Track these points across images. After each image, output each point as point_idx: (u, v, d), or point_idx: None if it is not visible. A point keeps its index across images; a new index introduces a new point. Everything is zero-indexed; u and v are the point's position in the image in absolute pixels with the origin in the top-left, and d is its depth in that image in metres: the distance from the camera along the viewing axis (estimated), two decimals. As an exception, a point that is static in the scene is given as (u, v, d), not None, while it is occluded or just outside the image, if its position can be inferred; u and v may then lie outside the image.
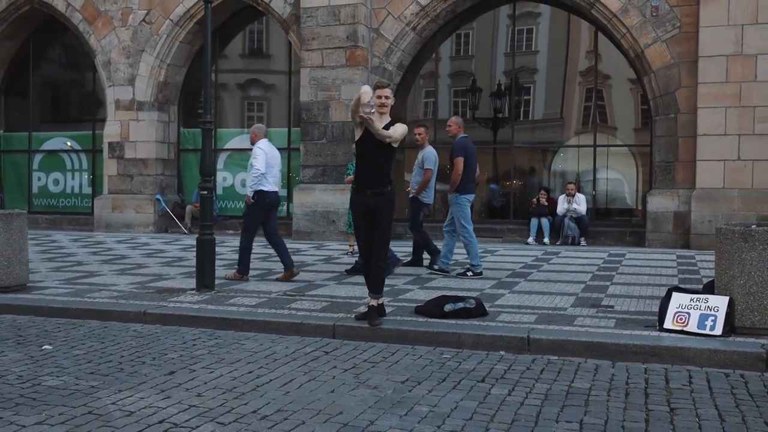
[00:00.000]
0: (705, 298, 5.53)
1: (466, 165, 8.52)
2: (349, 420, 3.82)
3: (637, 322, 5.84)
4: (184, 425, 3.73)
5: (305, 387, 4.45)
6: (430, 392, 4.34)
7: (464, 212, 8.58)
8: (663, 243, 12.22)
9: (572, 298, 7.05)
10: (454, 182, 8.52)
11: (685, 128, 12.18)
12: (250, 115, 16.25)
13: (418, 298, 6.92)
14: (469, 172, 8.59)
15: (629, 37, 12.50)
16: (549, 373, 4.80)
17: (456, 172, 8.49)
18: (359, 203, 6.11)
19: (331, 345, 5.61)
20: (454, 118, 9.00)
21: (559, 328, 5.64)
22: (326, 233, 13.58)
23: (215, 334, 6.02)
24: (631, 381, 4.61)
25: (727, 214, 11.51)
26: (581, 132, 14.12)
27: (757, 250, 5.34)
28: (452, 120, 8.89)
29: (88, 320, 6.57)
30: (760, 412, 3.99)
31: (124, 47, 15.52)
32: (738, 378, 4.70)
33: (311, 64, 13.78)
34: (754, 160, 11.55)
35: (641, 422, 3.82)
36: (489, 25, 14.53)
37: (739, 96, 11.58)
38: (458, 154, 8.52)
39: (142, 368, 4.89)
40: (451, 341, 5.57)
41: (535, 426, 3.75)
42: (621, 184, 14.34)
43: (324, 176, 13.78)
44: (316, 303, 6.83)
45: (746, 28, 11.52)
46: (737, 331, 5.37)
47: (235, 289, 7.64)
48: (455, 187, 8.52)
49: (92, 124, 16.72)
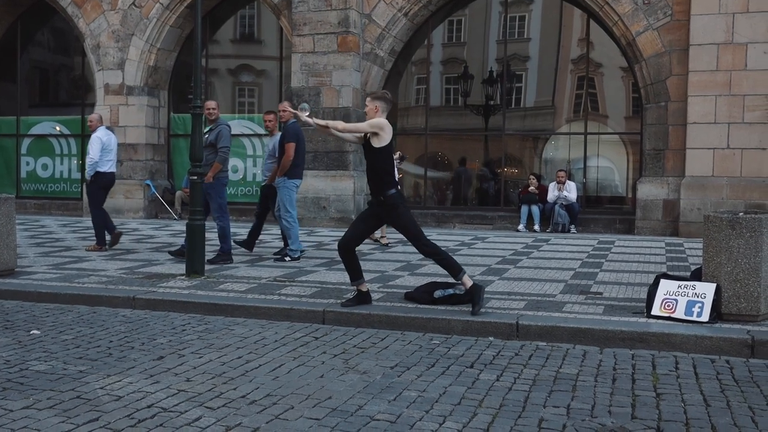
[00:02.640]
0: (692, 285, 5.58)
1: (296, 151, 8.67)
2: (338, 405, 3.84)
3: (626, 309, 5.88)
4: (173, 410, 3.75)
5: (294, 372, 4.46)
6: (419, 377, 4.36)
7: (290, 197, 8.73)
8: (652, 230, 12.28)
9: (561, 284, 7.09)
10: (284, 167, 8.62)
11: (675, 116, 12.21)
12: (241, 101, 16.19)
13: (407, 284, 6.95)
14: (299, 157, 8.76)
15: (621, 24, 12.49)
16: (537, 358, 4.84)
17: (287, 157, 8.62)
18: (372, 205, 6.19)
19: (320, 330, 5.63)
20: (286, 104, 8.92)
21: (547, 315, 5.68)
22: (317, 219, 13.57)
23: (205, 319, 6.03)
24: (619, 367, 4.65)
25: (716, 202, 11.57)
26: (572, 120, 14.13)
27: (744, 237, 5.38)
28: (284, 105, 8.78)
29: (76, 305, 6.57)
30: (744, 398, 4.04)
31: (113, 31, 15.38)
32: (724, 364, 4.75)
33: (302, 50, 13.71)
34: (743, 148, 11.59)
35: (627, 407, 3.85)
36: (481, 11, 14.47)
37: (729, 84, 11.60)
38: (291, 139, 8.66)
39: (131, 353, 4.89)
40: (441, 327, 5.60)
41: (523, 411, 3.79)
42: (611, 172, 14.38)
43: (315, 162, 13.74)
44: (306, 289, 6.84)
45: (737, 16, 11.52)
46: (724, 318, 5.42)
47: (225, 275, 7.64)
48: (284, 171, 8.63)
49: (81, 109, 16.57)
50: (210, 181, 8.36)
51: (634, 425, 3.58)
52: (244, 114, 15.89)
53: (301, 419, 3.62)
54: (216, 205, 8.59)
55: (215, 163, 8.43)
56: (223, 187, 8.68)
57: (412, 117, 15.14)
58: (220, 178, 8.59)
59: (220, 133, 8.50)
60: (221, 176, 8.60)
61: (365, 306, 6.01)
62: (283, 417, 3.66)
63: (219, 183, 8.58)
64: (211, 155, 8.44)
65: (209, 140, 8.49)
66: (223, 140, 8.49)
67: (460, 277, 5.84)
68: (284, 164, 8.66)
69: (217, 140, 8.47)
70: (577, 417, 3.68)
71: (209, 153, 8.42)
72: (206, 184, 8.26)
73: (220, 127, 8.59)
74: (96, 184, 9.56)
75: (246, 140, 15.45)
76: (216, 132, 8.53)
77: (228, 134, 8.60)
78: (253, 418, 3.63)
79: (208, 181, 8.30)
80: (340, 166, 13.63)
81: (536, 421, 3.62)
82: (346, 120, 13.48)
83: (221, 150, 8.47)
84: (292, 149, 8.67)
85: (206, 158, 8.31)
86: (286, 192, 8.76)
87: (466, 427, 3.54)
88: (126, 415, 3.65)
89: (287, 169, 8.69)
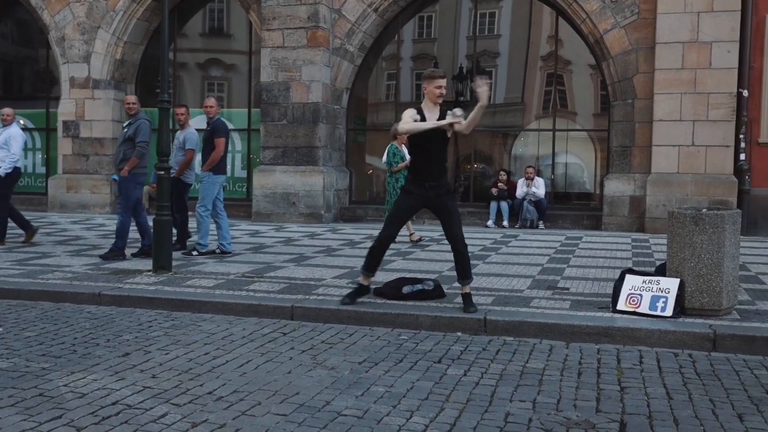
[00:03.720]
0: (657, 280, 5.66)
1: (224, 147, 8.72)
2: (306, 400, 3.84)
3: (592, 304, 5.95)
4: (138, 407, 3.72)
5: (262, 368, 4.45)
6: (386, 373, 4.38)
7: (211, 193, 8.75)
8: (619, 226, 12.43)
9: (529, 280, 7.15)
10: (213, 161, 8.61)
11: (641, 114, 12.36)
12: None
13: (376, 280, 6.88)
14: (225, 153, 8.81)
15: (589, 22, 12.62)
16: (504, 353, 4.88)
17: (218, 152, 8.63)
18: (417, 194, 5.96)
19: (288, 326, 5.62)
20: (212, 99, 8.95)
21: (515, 310, 5.73)
22: (286, 215, 13.51)
23: (172, 315, 5.98)
24: (584, 361, 4.71)
25: (681, 198, 11.75)
26: (542, 116, 14.22)
27: (707, 233, 5.46)
28: (211, 101, 8.85)
29: (40, 302, 6.48)
30: (706, 391, 4.11)
31: (78, 23, 15.13)
32: (686, 357, 4.83)
33: (272, 45, 13.62)
34: (707, 145, 11.78)
35: (592, 401, 3.90)
36: (451, 8, 14.51)
37: (694, 82, 11.78)
38: (222, 134, 8.71)
39: (95, 350, 4.84)
40: (409, 323, 5.61)
41: (490, 405, 3.81)
42: (579, 169, 14.50)
43: (284, 158, 13.68)
44: (274, 284, 6.81)
45: (702, 15, 11.71)
46: (687, 313, 5.51)
47: (193, 271, 7.58)
48: (212, 166, 8.62)
49: (46, 102, 16.30)
50: (125, 176, 8.30)
51: (599, 419, 3.62)
52: (213, 109, 15.72)
53: (268, 415, 3.61)
54: (124, 201, 8.46)
55: (132, 158, 8.32)
56: (137, 184, 8.53)
57: (383, 112, 15.13)
58: (136, 174, 8.45)
59: (139, 128, 8.39)
60: (138, 172, 8.46)
61: (337, 302, 6.01)
62: (250, 413, 3.64)
63: (134, 179, 8.45)
64: (129, 150, 8.37)
65: (128, 134, 8.42)
66: (142, 135, 8.38)
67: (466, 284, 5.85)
68: (214, 158, 8.59)
69: (136, 135, 8.37)
70: (543, 411, 3.72)
71: (128, 147, 8.37)
72: (121, 178, 8.32)
73: (139, 121, 8.48)
74: (8, 179, 9.59)
75: (215, 135, 15.30)
76: (135, 126, 8.42)
77: (147, 129, 8.48)
78: (219, 415, 3.61)
79: (123, 175, 8.29)
80: (309, 162, 13.58)
81: (503, 416, 3.64)
82: (316, 116, 13.50)
83: (139, 145, 8.35)
84: (223, 144, 8.67)
85: (124, 153, 8.35)
86: (209, 187, 8.71)
87: (433, 422, 3.55)
88: (90, 413, 3.61)
89: (216, 163, 8.64)
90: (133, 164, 8.32)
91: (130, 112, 8.58)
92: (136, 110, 8.60)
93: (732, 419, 3.65)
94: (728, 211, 5.63)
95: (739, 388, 4.17)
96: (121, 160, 8.39)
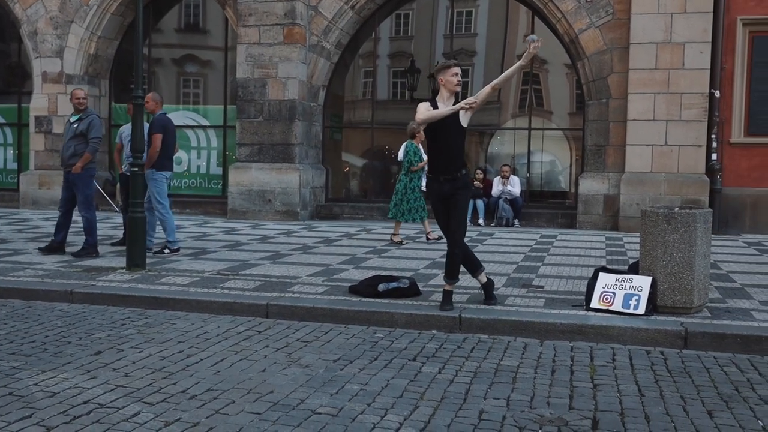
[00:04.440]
0: (630, 279, 5.72)
1: (164, 142, 8.65)
2: (280, 399, 3.84)
3: (566, 302, 6.00)
4: (110, 405, 3.69)
5: (236, 366, 4.43)
6: (361, 371, 4.38)
7: (161, 189, 8.71)
8: (593, 225, 12.55)
9: (504, 278, 7.18)
10: (151, 158, 8.53)
11: (616, 113, 12.49)
12: (186, 92, 15.90)
13: (352, 278, 6.96)
14: (166, 149, 8.73)
15: (564, 22, 12.71)
16: (479, 351, 4.90)
17: (153, 148, 8.57)
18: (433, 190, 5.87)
19: (264, 324, 5.61)
20: (152, 94, 8.87)
21: (490, 308, 5.76)
22: (262, 212, 13.47)
23: (145, 313, 5.94)
24: (558, 359, 4.75)
25: (654, 197, 11.88)
26: (518, 115, 14.31)
27: (679, 232, 5.53)
28: (150, 96, 8.78)
29: (10, 299, 6.40)
30: (677, 387, 4.17)
31: (51, 17, 14.93)
32: (658, 355, 4.89)
33: (248, 41, 13.55)
34: (680, 145, 11.94)
35: (566, 398, 3.94)
36: (428, 6, 14.53)
37: (667, 83, 11.93)
38: (157, 131, 8.64)
39: (67, 348, 4.79)
40: (384, 320, 5.62)
41: (464, 403, 3.83)
42: (555, 167, 14.62)
43: (260, 155, 13.62)
44: (249, 282, 6.80)
45: (675, 16, 11.85)
46: (659, 310, 5.58)
47: (167, 268, 7.54)
48: (152, 163, 8.56)
49: (18, 97, 16.06)
50: (78, 172, 8.21)
51: (572, 416, 3.65)
52: (189, 105, 15.61)
53: (242, 414, 3.60)
54: (83, 197, 8.38)
55: (86, 154, 8.24)
56: (90, 178, 8.48)
57: (359, 110, 15.12)
58: (88, 169, 8.39)
59: (92, 124, 8.31)
60: (90, 167, 8.40)
61: (312, 300, 6.00)
62: (224, 412, 3.63)
63: (87, 174, 8.39)
64: (80, 145, 8.28)
65: (79, 129, 8.31)
66: (95, 131, 8.30)
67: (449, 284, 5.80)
68: (151, 156, 8.52)
69: (89, 130, 8.28)
70: (517, 408, 3.74)
71: (78, 143, 8.27)
72: (74, 175, 8.21)
73: (91, 117, 8.40)
74: None
75: (191, 132, 15.21)
76: (87, 122, 8.33)
77: (99, 125, 8.42)
78: (193, 413, 3.59)
79: (76, 172, 8.19)
80: (285, 159, 13.54)
81: (476, 413, 3.66)
82: (292, 113, 13.44)
83: (93, 141, 8.27)
84: (159, 140, 8.59)
85: (75, 148, 8.24)
86: (155, 184, 8.64)
87: (407, 419, 3.56)
88: (60, 412, 3.57)
89: (154, 160, 8.56)
90: (86, 160, 8.23)
91: (80, 107, 8.44)
92: (86, 105, 8.50)
93: (702, 416, 3.69)
94: (700, 211, 5.69)
95: (709, 385, 4.22)
96: (72, 155, 8.22)
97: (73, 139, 8.30)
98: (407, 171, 10.11)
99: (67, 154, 8.33)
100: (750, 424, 3.59)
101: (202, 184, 15.26)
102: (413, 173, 10.07)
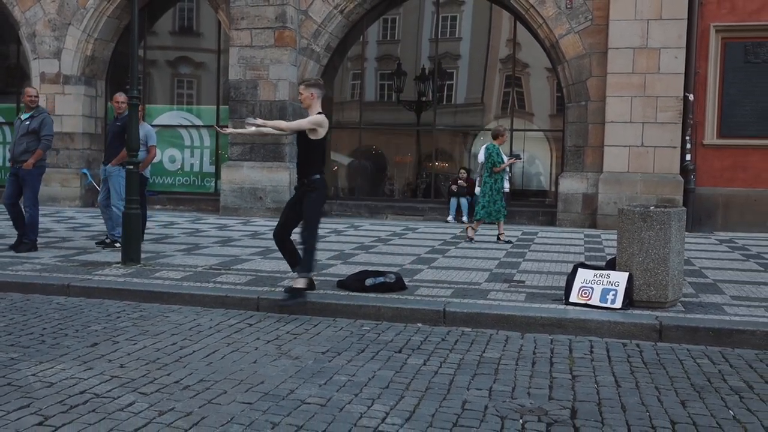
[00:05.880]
0: (607, 274, 5.84)
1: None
2: (270, 389, 3.90)
3: (546, 296, 6.11)
4: (106, 395, 3.73)
5: (228, 358, 4.50)
6: (349, 362, 4.46)
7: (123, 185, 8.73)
8: (572, 223, 12.91)
9: (486, 273, 7.32)
10: (121, 158, 8.67)
11: (594, 115, 12.82)
12: (180, 93, 16.20)
13: (340, 273, 7.06)
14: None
15: (545, 27, 13.06)
16: (462, 343, 4.99)
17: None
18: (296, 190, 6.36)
19: (254, 317, 5.68)
20: (122, 95, 9.01)
21: (473, 302, 5.86)
22: (253, 209, 13.79)
23: (140, 306, 6.01)
24: (538, 351, 4.84)
25: (631, 196, 12.23)
26: (500, 117, 14.58)
27: (655, 229, 5.67)
28: (121, 96, 8.94)
29: (9, 293, 6.45)
30: (652, 378, 4.26)
31: (49, 20, 15.21)
32: (634, 347, 4.99)
33: (240, 44, 13.88)
34: (656, 146, 12.30)
35: (545, 389, 4.02)
36: (415, 10, 14.81)
37: (643, 86, 12.28)
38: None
39: (64, 340, 4.83)
40: (371, 314, 5.71)
41: (448, 393, 3.91)
42: (536, 167, 14.94)
43: (252, 153, 13.96)
44: (241, 277, 6.88)
45: (651, 23, 12.21)
46: (635, 305, 5.69)
47: (161, 263, 7.67)
48: (119, 162, 8.70)
49: (16, 97, 16.23)
50: (30, 168, 8.35)
51: (551, 406, 3.73)
52: (183, 105, 15.93)
53: (233, 403, 3.65)
54: (31, 194, 8.47)
55: (38, 150, 8.38)
56: (40, 175, 8.59)
57: (347, 111, 15.41)
58: (39, 166, 8.53)
59: (44, 122, 8.47)
60: (41, 164, 8.56)
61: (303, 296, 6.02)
62: (216, 401, 3.68)
63: (38, 171, 8.50)
64: (32, 142, 8.42)
65: (31, 127, 8.44)
66: (47, 128, 8.46)
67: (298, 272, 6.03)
68: (122, 156, 8.61)
69: (41, 128, 8.43)
70: (499, 399, 3.82)
71: (30, 140, 8.42)
72: (24, 171, 8.33)
73: (43, 115, 8.56)
74: None
75: (184, 131, 15.55)
76: (39, 120, 8.48)
77: (51, 123, 8.59)
78: (186, 403, 3.63)
79: (27, 167, 8.32)
80: (276, 158, 13.88)
81: (460, 403, 3.73)
82: (283, 113, 13.76)
83: (45, 138, 8.43)
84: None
85: (27, 145, 8.38)
86: (119, 180, 8.71)
87: (393, 409, 3.62)
88: (58, 402, 3.61)
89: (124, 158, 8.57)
90: (38, 157, 8.38)
91: (32, 105, 8.57)
92: (37, 103, 8.65)
93: (676, 405, 3.77)
94: (674, 209, 5.81)
95: (682, 376, 4.31)
96: (24, 151, 8.35)
97: (25, 136, 8.38)
98: (491, 172, 10.12)
99: (19, 150, 8.44)
100: (721, 413, 3.66)
101: (195, 182, 15.59)
102: (497, 174, 10.13)
